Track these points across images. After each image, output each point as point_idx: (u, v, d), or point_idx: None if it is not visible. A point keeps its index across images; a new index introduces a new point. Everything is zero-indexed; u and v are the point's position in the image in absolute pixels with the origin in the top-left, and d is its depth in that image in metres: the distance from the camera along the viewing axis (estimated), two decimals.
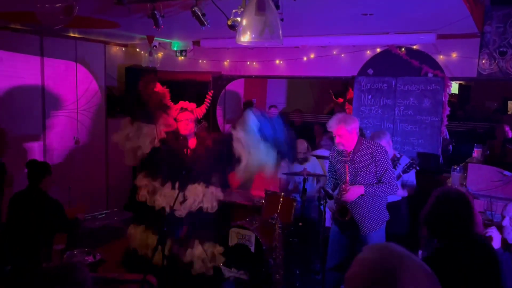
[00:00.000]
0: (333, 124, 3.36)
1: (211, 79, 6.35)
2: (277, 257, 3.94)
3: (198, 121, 4.45)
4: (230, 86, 6.64)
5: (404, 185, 4.01)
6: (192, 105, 3.93)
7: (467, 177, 4.05)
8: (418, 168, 3.95)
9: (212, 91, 4.31)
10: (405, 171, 3.85)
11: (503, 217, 2.62)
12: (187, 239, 3.72)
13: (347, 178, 3.33)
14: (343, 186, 3.33)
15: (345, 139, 3.34)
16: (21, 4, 3.65)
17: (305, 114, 8.06)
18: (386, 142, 3.90)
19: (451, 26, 4.17)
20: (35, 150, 5.19)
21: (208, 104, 4.01)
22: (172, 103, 3.90)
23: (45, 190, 3.79)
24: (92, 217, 5.80)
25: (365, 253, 1.02)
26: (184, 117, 3.80)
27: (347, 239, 3.54)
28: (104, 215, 6.00)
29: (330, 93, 7.18)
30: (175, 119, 3.86)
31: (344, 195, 3.30)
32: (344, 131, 3.32)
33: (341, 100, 6.73)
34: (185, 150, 3.75)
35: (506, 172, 3.86)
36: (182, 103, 3.89)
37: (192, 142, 3.84)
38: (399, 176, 3.80)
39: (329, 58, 5.43)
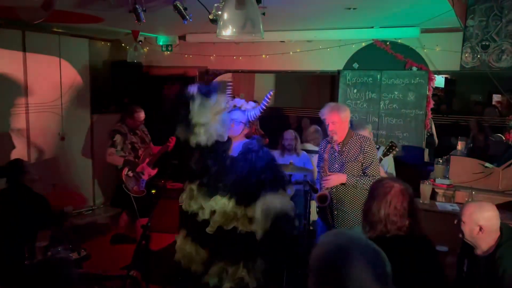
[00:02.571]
0: (327, 111, 3.35)
1: (197, 74, 6.33)
2: None
3: None
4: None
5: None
6: None
7: (450, 169, 4.10)
8: (397, 149, 3.97)
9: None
10: (385, 154, 3.83)
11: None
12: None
13: (326, 166, 3.38)
14: (324, 171, 3.38)
15: (338, 126, 3.33)
16: None
17: (294, 108, 8.08)
18: (367, 134, 3.94)
19: (434, 20, 4.20)
20: (18, 147, 5.12)
21: None
22: None
23: (30, 186, 3.74)
24: (78, 213, 5.77)
25: (323, 238, 1.25)
26: None
27: None
28: (90, 211, 5.97)
29: None
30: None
31: (324, 181, 3.34)
32: (338, 117, 3.31)
33: None
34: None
35: (488, 164, 3.91)
36: None
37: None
38: (380, 160, 3.80)
39: (315, 53, 5.44)
